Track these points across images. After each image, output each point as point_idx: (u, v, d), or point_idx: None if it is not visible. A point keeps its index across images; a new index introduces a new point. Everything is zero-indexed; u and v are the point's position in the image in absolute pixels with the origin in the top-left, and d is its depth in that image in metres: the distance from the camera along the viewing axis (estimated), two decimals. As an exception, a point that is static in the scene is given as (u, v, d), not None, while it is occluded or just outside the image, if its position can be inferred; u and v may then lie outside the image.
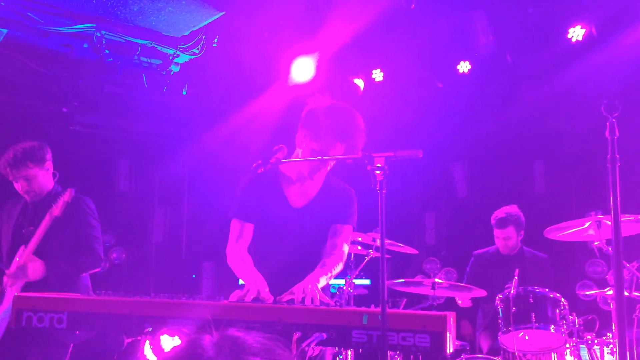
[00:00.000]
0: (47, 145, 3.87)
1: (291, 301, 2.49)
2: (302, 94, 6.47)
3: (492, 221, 5.14)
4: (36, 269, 3.56)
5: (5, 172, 3.77)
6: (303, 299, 2.46)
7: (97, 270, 3.86)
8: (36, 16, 5.32)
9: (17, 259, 3.63)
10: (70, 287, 3.64)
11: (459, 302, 4.93)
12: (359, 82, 6.78)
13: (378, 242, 4.48)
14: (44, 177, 3.81)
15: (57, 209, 3.64)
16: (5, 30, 5.37)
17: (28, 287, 3.59)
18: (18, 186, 3.78)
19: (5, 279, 3.66)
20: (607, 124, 2.18)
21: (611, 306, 3.89)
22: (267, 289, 2.59)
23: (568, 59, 5.87)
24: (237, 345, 0.92)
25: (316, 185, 3.04)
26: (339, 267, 2.89)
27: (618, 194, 2.17)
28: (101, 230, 3.90)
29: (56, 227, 3.68)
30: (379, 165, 2.26)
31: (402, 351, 2.20)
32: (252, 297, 2.51)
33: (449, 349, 2.08)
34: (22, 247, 3.66)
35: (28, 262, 3.56)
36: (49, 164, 3.86)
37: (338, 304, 2.86)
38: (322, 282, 2.73)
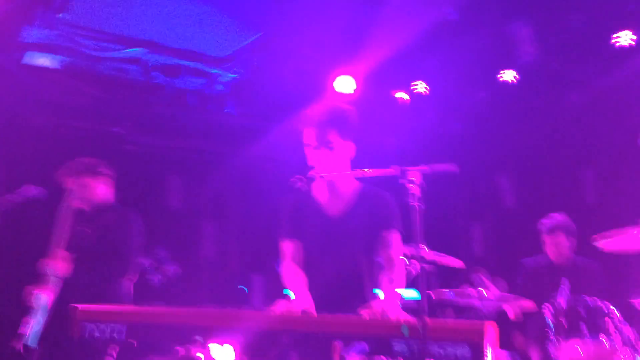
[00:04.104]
0: (106, 164, 4.21)
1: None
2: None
3: (540, 227, 5.05)
4: (59, 266, 3.79)
5: (64, 179, 4.08)
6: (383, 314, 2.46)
7: (127, 278, 4.05)
8: (90, 43, 5.60)
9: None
10: (108, 292, 3.90)
11: (510, 314, 4.84)
12: (403, 95, 6.82)
13: (423, 253, 4.48)
14: (99, 188, 4.13)
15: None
16: (62, 57, 5.68)
17: (65, 288, 3.82)
18: (74, 194, 4.04)
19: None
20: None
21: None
22: (304, 308, 2.60)
23: (615, 65, 5.75)
24: None
25: (350, 193, 3.04)
26: (403, 277, 2.89)
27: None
28: (142, 244, 4.12)
29: (101, 235, 3.98)
30: (412, 179, 2.28)
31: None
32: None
33: (490, 359, 2.09)
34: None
35: (55, 261, 3.80)
36: (106, 180, 4.19)
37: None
38: (396, 299, 2.74)
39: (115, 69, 6.09)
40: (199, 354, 2.33)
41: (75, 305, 2.73)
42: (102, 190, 4.16)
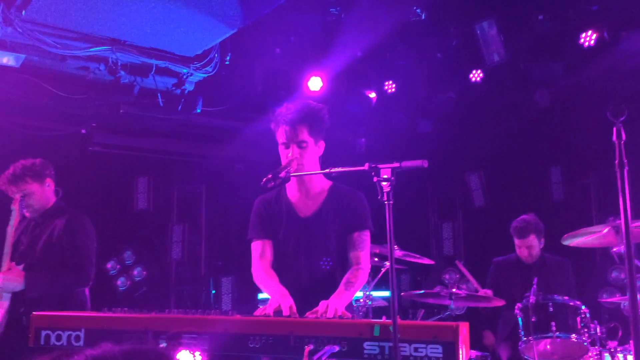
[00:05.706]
0: (49, 162, 3.94)
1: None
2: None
3: (512, 231, 5.06)
4: (12, 279, 3.56)
5: (5, 188, 3.82)
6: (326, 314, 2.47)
7: (84, 287, 3.83)
8: (53, 41, 5.44)
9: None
10: (62, 302, 3.66)
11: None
12: (372, 95, 6.82)
13: (394, 253, 4.47)
14: (43, 193, 3.87)
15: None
16: (23, 55, 5.50)
17: (16, 300, 3.58)
18: (17, 203, 3.79)
19: None
20: (614, 128, 2.18)
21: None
22: (289, 303, 2.60)
23: (581, 64, 5.83)
24: None
25: (321, 192, 3.05)
26: (364, 281, 2.89)
27: (628, 199, 2.15)
28: (95, 247, 3.88)
29: (49, 243, 3.75)
30: (385, 176, 2.27)
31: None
32: (271, 312, 2.53)
33: (462, 359, 2.07)
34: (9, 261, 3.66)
35: (6, 273, 3.58)
36: (50, 181, 3.92)
37: (353, 316, 2.86)
38: (347, 301, 2.74)
39: (80, 68, 5.93)
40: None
41: (33, 312, 2.63)
42: (48, 193, 3.91)
